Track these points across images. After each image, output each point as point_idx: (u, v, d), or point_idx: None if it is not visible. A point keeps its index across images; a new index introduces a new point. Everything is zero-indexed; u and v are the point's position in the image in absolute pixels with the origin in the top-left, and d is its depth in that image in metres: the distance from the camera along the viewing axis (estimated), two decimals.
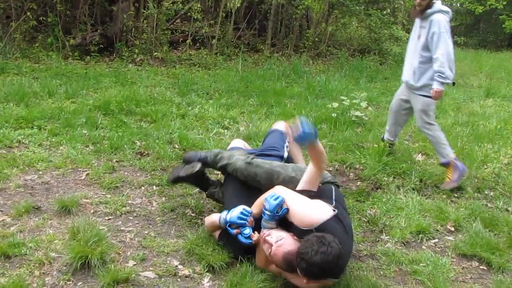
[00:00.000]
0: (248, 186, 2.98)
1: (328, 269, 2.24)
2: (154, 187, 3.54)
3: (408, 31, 10.76)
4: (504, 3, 14.29)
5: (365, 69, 8.74)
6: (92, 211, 3.10)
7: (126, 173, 3.71)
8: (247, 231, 2.58)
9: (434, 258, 2.94)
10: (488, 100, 7.43)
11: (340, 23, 9.97)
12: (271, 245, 2.42)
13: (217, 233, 2.82)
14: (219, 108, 5.42)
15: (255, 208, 2.67)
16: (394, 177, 4.16)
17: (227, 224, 2.62)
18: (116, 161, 3.89)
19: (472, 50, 15.04)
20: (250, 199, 2.78)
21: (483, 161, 4.64)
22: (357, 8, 9.41)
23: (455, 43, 15.57)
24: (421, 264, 2.86)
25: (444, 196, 3.91)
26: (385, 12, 10.17)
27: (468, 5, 15.21)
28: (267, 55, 8.82)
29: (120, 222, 3.01)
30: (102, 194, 3.33)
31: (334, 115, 5.42)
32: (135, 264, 2.58)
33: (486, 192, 4.09)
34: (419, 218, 3.43)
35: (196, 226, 3.07)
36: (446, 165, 4.19)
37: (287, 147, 3.35)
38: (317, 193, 2.73)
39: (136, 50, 7.43)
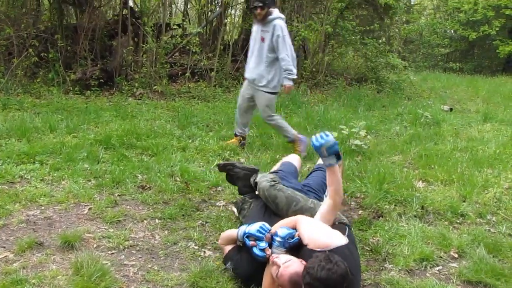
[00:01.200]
0: (266, 211, 3.10)
1: (331, 286, 2.24)
2: (157, 220, 3.54)
3: (404, 58, 10.94)
4: (497, 29, 14.58)
5: (363, 97, 8.83)
6: (95, 245, 3.10)
7: (128, 207, 3.71)
8: (263, 244, 2.64)
9: (439, 285, 2.94)
10: (486, 125, 7.47)
11: (337, 52, 10.13)
12: (278, 266, 2.44)
13: (227, 249, 2.89)
14: (219, 140, 5.46)
15: (273, 229, 2.73)
16: (395, 205, 4.16)
17: (245, 235, 2.69)
18: (118, 195, 3.90)
19: (468, 75, 15.19)
20: (272, 222, 2.87)
21: (483, 186, 4.64)
22: (353, 37, 9.59)
23: (451, 69, 15.83)
24: None
25: (446, 223, 3.91)
26: (380, 41, 10.34)
27: (462, 32, 15.50)
28: None
29: (123, 256, 3.01)
30: (105, 229, 3.33)
31: None
32: None
33: (488, 217, 4.08)
34: (422, 245, 3.43)
35: (200, 258, 3.08)
36: (292, 141, 5.17)
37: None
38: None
39: (136, 84, 7.52)
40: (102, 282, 2.55)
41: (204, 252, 3.17)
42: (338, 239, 2.58)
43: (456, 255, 3.38)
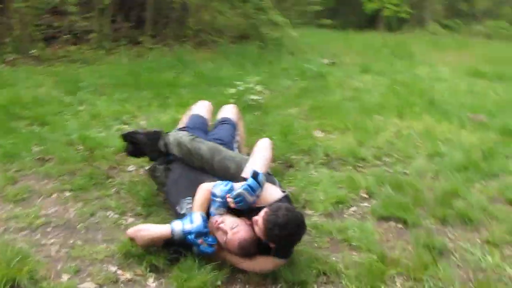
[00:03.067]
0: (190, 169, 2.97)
1: (296, 228, 2.35)
2: (67, 193, 3.28)
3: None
4: None
5: (248, 54, 8.88)
6: (2, 229, 2.78)
7: (31, 181, 3.38)
8: (210, 239, 2.49)
9: (358, 224, 3.15)
10: (365, 76, 8.02)
11: (217, 10, 9.98)
12: (225, 232, 2.41)
13: (158, 244, 2.60)
14: (114, 104, 5.16)
15: (200, 207, 2.60)
16: (302, 155, 4.33)
17: (187, 234, 2.48)
18: (16, 171, 3.52)
19: (338, 31, 16.01)
20: (196, 182, 2.78)
21: (375, 132, 5.02)
22: None
23: (325, 26, 16.57)
24: (349, 231, 3.03)
25: (350, 167, 4.18)
26: None
27: None
28: (149, 47, 8.56)
29: (39, 235, 2.75)
30: (10, 208, 3.00)
31: (232, 100, 5.45)
32: (70, 278, 2.38)
33: (384, 159, 4.44)
34: (335, 190, 3.63)
35: (123, 227, 2.92)
36: None
37: (236, 142, 3.38)
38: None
39: (8, 49, 6.72)
40: (24, 266, 2.30)
41: (126, 220, 3.03)
42: (278, 192, 2.64)
43: (366, 196, 3.65)
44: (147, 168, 3.30)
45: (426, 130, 5.17)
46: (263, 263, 2.50)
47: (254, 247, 2.46)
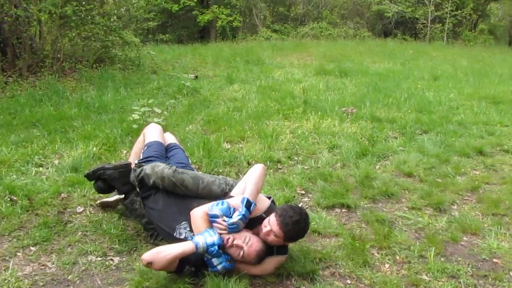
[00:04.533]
0: (175, 196, 3.11)
1: (306, 217, 2.81)
2: (32, 248, 3.10)
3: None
4: (195, 0, 16.13)
5: (113, 78, 8.74)
6: None
7: None
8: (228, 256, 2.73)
9: (314, 216, 3.62)
10: (233, 86, 8.52)
11: (68, 36, 9.58)
12: (241, 247, 2.66)
13: (174, 265, 2.70)
14: (16, 147, 4.81)
15: (202, 226, 2.79)
16: (229, 167, 4.65)
17: (212, 247, 2.64)
18: None
19: (175, 45, 16.33)
20: (185, 207, 2.98)
21: (275, 135, 5.55)
22: (81, 19, 9.17)
23: (162, 41, 16.78)
24: (312, 223, 3.48)
25: (272, 171, 4.64)
26: (112, 19, 10.27)
27: (165, 4, 16.52)
28: (3, 81, 7.89)
29: None
30: None
31: (135, 126, 5.50)
32: None
33: (295, 158, 5.02)
34: (276, 192, 4.04)
35: (114, 267, 2.94)
36: None
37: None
38: None
39: None
40: None
41: (112, 260, 3.04)
42: (265, 199, 2.98)
43: (303, 192, 4.16)
44: (125, 201, 3.30)
45: (315, 127, 5.91)
46: (271, 264, 2.83)
47: (266, 253, 2.78)
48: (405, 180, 4.44)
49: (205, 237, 2.67)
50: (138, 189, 3.22)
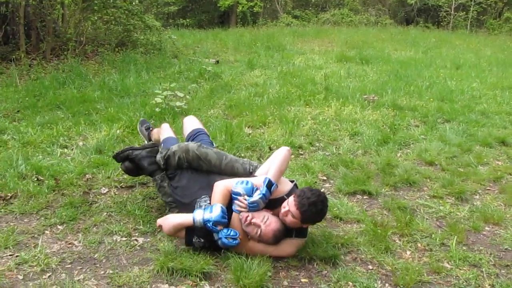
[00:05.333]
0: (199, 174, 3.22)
1: (325, 200, 2.86)
2: (59, 227, 3.19)
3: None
4: None
5: (135, 62, 8.80)
6: (22, 275, 2.66)
7: (9, 224, 3.18)
8: (232, 233, 2.77)
9: (336, 202, 3.65)
10: (254, 72, 8.53)
11: (90, 20, 9.67)
12: (259, 226, 2.70)
13: (181, 233, 2.90)
14: (42, 129, 4.91)
15: (219, 201, 2.87)
16: (251, 152, 4.67)
17: (208, 223, 2.74)
18: None
19: (197, 30, 16.35)
20: (208, 182, 3.08)
21: (296, 122, 5.57)
22: (103, 2, 9.23)
23: (182, 26, 16.77)
24: (334, 209, 3.52)
25: (293, 156, 4.66)
26: (134, 3, 10.32)
27: None
28: (27, 63, 8.00)
29: (64, 275, 2.67)
30: (11, 254, 2.83)
31: (158, 109, 5.56)
32: None
33: (316, 144, 5.03)
34: (299, 177, 4.06)
35: (138, 247, 3.01)
36: None
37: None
38: None
39: None
40: None
41: (137, 240, 3.10)
42: (288, 182, 3.02)
43: (324, 178, 4.18)
44: (155, 176, 3.35)
45: (336, 114, 5.90)
46: (288, 246, 2.87)
47: (284, 234, 2.82)
48: (427, 169, 4.43)
49: (203, 213, 2.79)
50: (164, 169, 3.28)
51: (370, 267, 2.86)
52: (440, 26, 19.80)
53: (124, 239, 3.12)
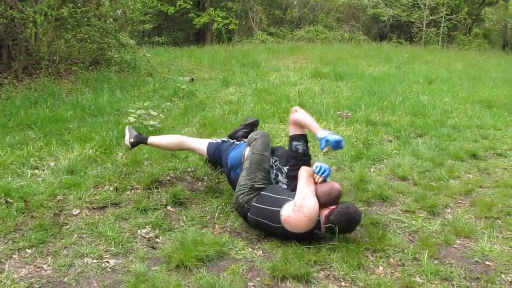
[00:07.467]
0: None
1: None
2: (28, 250, 3.10)
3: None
4: (191, 3, 16.14)
5: (109, 80, 8.74)
6: None
7: None
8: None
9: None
10: (229, 89, 8.53)
11: (64, 38, 9.59)
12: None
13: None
14: (11, 149, 4.81)
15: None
16: None
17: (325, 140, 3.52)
18: None
19: (172, 48, 16.36)
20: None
21: (271, 138, 5.56)
22: (79, 21, 9.18)
23: (158, 43, 16.78)
24: None
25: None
26: (108, 21, 10.27)
27: (160, 7, 16.53)
28: None
29: None
30: None
31: None
32: None
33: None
34: None
35: (110, 270, 2.95)
36: None
37: None
38: None
39: None
40: None
41: (108, 262, 3.05)
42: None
43: None
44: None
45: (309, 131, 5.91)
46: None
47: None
48: (400, 184, 4.48)
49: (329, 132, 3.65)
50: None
51: (343, 283, 2.86)
52: (412, 41, 20.26)
53: (95, 261, 3.06)
